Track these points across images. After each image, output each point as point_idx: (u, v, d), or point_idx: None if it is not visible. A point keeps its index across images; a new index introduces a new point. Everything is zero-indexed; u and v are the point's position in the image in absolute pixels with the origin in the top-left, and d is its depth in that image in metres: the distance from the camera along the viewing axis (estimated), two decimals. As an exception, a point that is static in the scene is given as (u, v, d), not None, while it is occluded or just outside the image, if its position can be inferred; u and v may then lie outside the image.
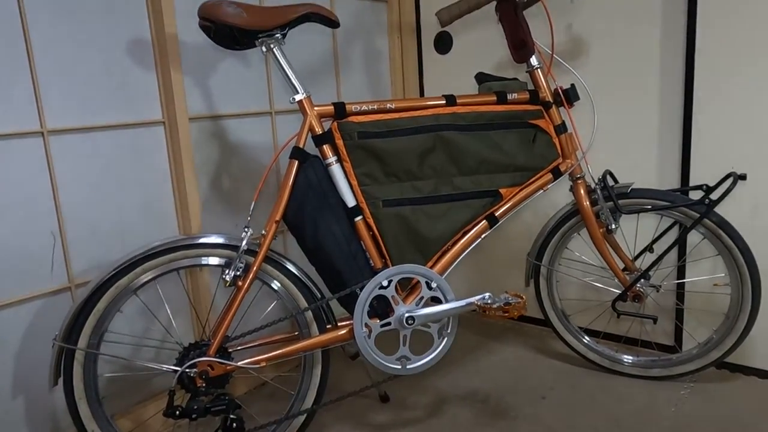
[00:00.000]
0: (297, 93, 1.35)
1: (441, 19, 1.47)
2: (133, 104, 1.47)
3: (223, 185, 1.69)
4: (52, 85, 1.33)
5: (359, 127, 1.35)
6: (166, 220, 1.57)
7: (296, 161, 1.34)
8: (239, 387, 1.75)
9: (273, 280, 1.38)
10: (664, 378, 1.67)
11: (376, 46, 2.12)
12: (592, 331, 1.94)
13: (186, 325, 1.65)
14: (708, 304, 1.72)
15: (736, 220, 1.60)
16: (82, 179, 1.40)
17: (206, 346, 1.31)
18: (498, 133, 1.46)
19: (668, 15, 1.63)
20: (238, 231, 1.71)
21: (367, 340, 1.37)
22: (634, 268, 1.64)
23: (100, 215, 1.44)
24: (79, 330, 1.23)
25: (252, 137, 1.74)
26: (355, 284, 1.38)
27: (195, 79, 1.58)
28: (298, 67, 1.85)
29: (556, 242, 1.71)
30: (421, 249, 1.42)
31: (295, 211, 1.35)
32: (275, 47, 1.33)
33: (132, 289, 1.29)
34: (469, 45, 2.06)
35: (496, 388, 1.70)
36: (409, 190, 1.40)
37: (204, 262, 1.34)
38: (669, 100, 1.68)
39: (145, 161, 1.51)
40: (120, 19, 1.42)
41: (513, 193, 1.48)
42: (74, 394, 1.24)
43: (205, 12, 1.27)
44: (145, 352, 1.55)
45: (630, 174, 1.79)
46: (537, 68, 1.50)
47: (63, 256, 1.38)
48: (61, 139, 1.35)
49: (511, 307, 1.35)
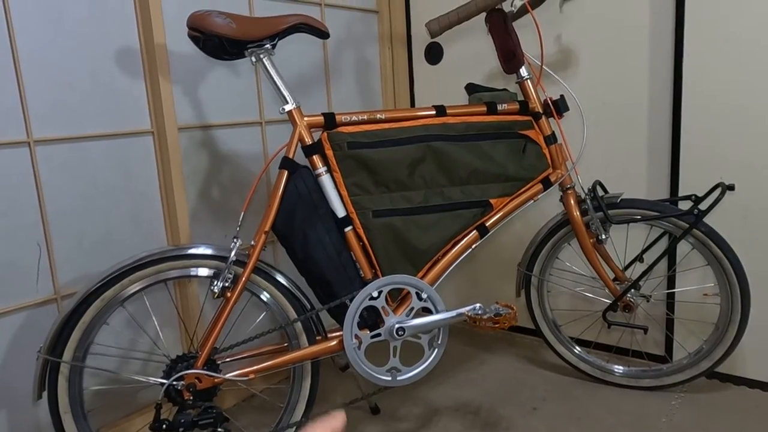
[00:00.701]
0: (286, 103, 1.34)
1: (431, 29, 1.47)
2: (121, 114, 1.46)
3: (212, 195, 1.68)
4: (39, 95, 1.31)
5: (349, 138, 1.35)
6: (154, 231, 1.55)
7: (286, 171, 1.33)
8: (228, 399, 1.73)
9: (262, 291, 1.37)
10: (655, 388, 1.67)
11: (367, 57, 2.12)
12: (584, 341, 1.94)
13: (174, 337, 1.63)
14: (698, 314, 1.72)
15: (725, 230, 1.61)
16: (69, 189, 1.38)
17: (194, 358, 1.30)
18: (488, 143, 1.46)
19: (656, 26, 1.65)
20: (227, 242, 1.70)
21: (357, 351, 1.36)
22: (624, 278, 1.64)
23: (87, 226, 1.42)
24: (65, 342, 1.22)
25: (242, 147, 1.73)
26: (345, 295, 1.37)
27: (184, 88, 1.58)
28: (288, 77, 1.85)
29: (546, 252, 1.71)
30: (412, 259, 1.42)
31: (284, 222, 1.34)
32: (265, 57, 1.32)
33: (119, 300, 1.27)
34: (460, 56, 2.07)
35: (488, 399, 1.69)
36: (399, 200, 1.40)
37: (192, 273, 1.33)
38: (658, 111, 1.69)
39: (133, 171, 1.50)
40: (109, 29, 1.42)
41: (503, 203, 1.48)
42: (59, 408, 1.22)
43: (194, 22, 1.26)
44: (132, 365, 1.53)
45: (620, 184, 1.80)
46: (527, 79, 1.51)
47: (49, 267, 1.36)
48: (48, 149, 1.34)
49: (501, 318, 1.35)
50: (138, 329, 1.52)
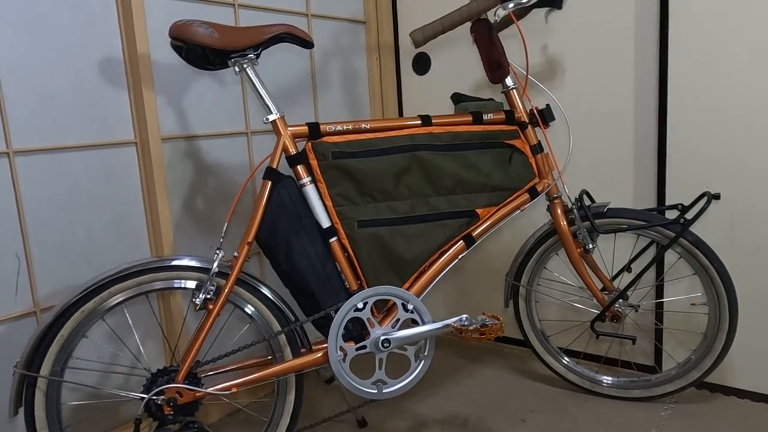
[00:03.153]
0: (270, 113, 1.33)
1: (415, 39, 1.47)
2: (104, 124, 1.44)
3: (196, 206, 1.66)
4: (19, 104, 1.30)
5: (334, 147, 1.34)
6: (137, 242, 1.53)
7: (270, 182, 1.32)
8: (212, 414, 1.70)
9: (246, 304, 1.35)
10: (644, 399, 1.66)
11: (354, 67, 2.12)
12: (572, 351, 1.92)
13: (156, 350, 1.60)
14: (686, 324, 1.72)
15: (711, 239, 1.61)
16: (49, 200, 1.36)
17: (175, 372, 1.27)
18: (474, 153, 1.45)
19: (641, 35, 1.65)
20: (211, 253, 1.68)
21: (342, 363, 1.34)
22: (612, 288, 1.64)
23: (68, 237, 1.40)
24: (42, 356, 1.19)
25: (227, 157, 1.72)
26: (330, 306, 1.35)
27: (168, 98, 1.56)
28: (275, 87, 1.84)
29: (534, 262, 1.71)
30: (398, 270, 1.40)
31: (268, 233, 1.33)
32: (248, 67, 1.31)
33: (99, 313, 1.25)
34: (447, 66, 2.07)
35: (476, 411, 1.67)
36: (384, 210, 1.39)
37: (176, 285, 1.31)
38: (643, 120, 1.69)
39: (116, 182, 1.48)
40: (91, 38, 1.40)
41: (490, 213, 1.48)
42: (35, 424, 1.19)
43: (176, 32, 1.25)
44: (113, 379, 1.50)
45: (606, 193, 1.80)
46: (512, 89, 1.51)
47: (28, 279, 1.33)
48: (29, 160, 1.32)
49: (487, 329, 1.33)
50: (119, 342, 1.50)
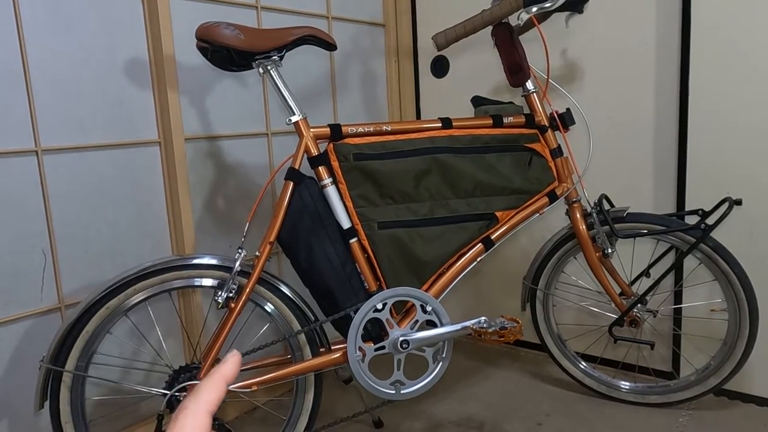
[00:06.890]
0: (293, 114, 1.35)
1: (437, 42, 1.48)
2: (129, 124, 1.47)
3: (218, 206, 1.68)
4: (48, 104, 1.32)
5: (355, 149, 1.35)
6: (159, 241, 1.55)
7: (291, 182, 1.33)
8: (231, 411, 1.72)
9: (266, 302, 1.37)
10: (662, 405, 1.65)
11: (373, 69, 2.13)
12: (589, 356, 1.92)
13: (177, 347, 1.62)
14: (705, 330, 1.71)
15: (732, 245, 1.59)
16: (75, 198, 1.39)
17: (197, 369, 1.29)
18: (494, 156, 1.45)
19: (662, 39, 1.65)
20: (232, 252, 1.70)
21: (360, 363, 1.35)
22: (630, 292, 1.63)
23: (92, 235, 1.42)
24: (68, 352, 1.21)
25: (248, 158, 1.74)
26: (350, 307, 1.36)
27: (191, 99, 1.59)
28: (295, 88, 1.86)
29: (552, 266, 1.70)
30: (417, 272, 1.41)
31: (289, 233, 1.34)
32: (272, 69, 1.33)
33: (123, 310, 1.27)
34: (466, 69, 2.07)
35: (492, 414, 1.67)
36: (404, 212, 1.40)
37: (197, 284, 1.33)
38: (664, 125, 1.69)
39: (139, 181, 1.50)
40: (118, 40, 1.43)
41: (509, 216, 1.48)
42: (60, 417, 1.22)
43: (202, 33, 1.27)
44: (135, 375, 1.53)
45: (626, 198, 1.79)
46: (533, 92, 1.51)
47: (54, 276, 1.36)
48: (56, 158, 1.35)
49: (506, 332, 1.34)
50: (141, 339, 1.52)
